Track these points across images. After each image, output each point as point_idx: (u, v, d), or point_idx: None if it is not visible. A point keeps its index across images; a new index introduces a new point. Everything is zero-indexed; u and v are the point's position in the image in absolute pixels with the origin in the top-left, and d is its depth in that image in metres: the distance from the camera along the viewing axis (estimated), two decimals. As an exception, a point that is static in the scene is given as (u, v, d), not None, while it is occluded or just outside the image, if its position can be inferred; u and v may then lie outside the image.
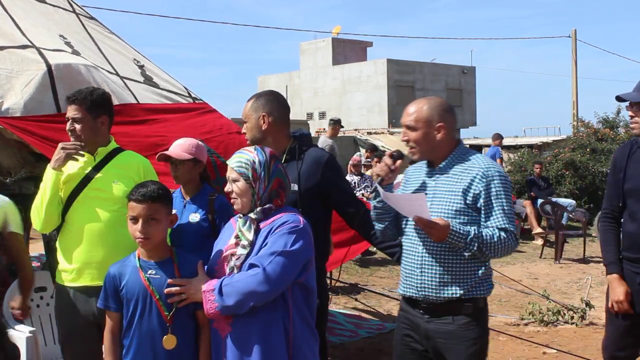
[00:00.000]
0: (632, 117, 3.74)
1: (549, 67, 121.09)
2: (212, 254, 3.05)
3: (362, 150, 15.54)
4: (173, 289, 2.92)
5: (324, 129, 35.06)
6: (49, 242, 4.14)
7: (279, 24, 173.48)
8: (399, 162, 3.31)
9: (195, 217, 3.82)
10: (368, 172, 13.23)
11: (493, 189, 3.08)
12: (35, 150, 4.85)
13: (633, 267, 3.76)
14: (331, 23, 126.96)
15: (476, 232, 3.04)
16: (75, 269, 3.58)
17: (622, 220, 3.87)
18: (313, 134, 32.08)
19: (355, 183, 12.04)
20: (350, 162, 12.66)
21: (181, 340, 2.96)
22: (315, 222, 3.25)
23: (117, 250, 3.54)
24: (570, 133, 20.70)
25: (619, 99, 3.78)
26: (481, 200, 3.08)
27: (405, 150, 3.43)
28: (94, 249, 3.58)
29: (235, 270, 2.83)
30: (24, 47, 4.97)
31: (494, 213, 3.08)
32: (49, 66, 4.81)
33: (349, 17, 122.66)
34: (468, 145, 3.39)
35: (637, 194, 3.73)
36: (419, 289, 3.19)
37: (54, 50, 5.06)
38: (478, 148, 21.12)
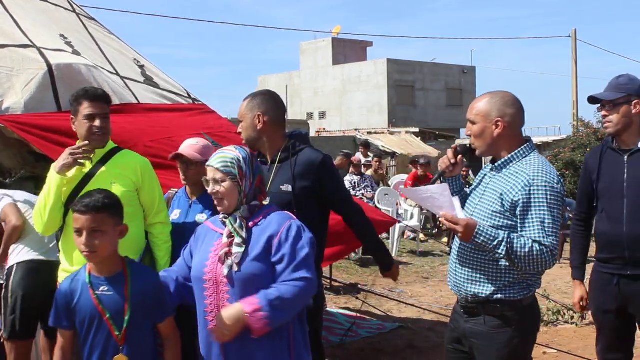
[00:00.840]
0: (605, 116, 3.77)
1: (549, 67, 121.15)
2: (194, 258, 2.97)
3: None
4: (217, 338, 2.79)
5: (324, 129, 35.10)
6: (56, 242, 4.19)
7: (278, 24, 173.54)
8: (460, 156, 3.29)
9: (202, 217, 3.83)
10: (368, 172, 13.24)
11: (535, 200, 2.94)
12: (35, 149, 4.85)
13: (607, 269, 3.80)
14: (331, 23, 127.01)
15: (505, 236, 2.91)
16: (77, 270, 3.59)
17: (594, 221, 3.93)
18: (313, 134, 32.08)
19: (355, 183, 12.04)
20: (351, 162, 12.65)
21: (138, 358, 2.87)
22: (311, 222, 3.24)
23: (119, 250, 3.58)
24: (570, 133, 20.69)
25: (593, 99, 3.82)
26: (519, 209, 2.96)
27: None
28: None
29: (235, 268, 2.80)
30: (24, 46, 4.97)
31: (530, 224, 2.94)
32: (49, 66, 4.81)
33: (349, 17, 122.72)
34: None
35: (610, 194, 3.78)
36: (453, 284, 3.21)
37: (54, 50, 5.06)
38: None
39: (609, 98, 3.73)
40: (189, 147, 3.98)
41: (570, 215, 12.98)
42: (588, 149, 16.43)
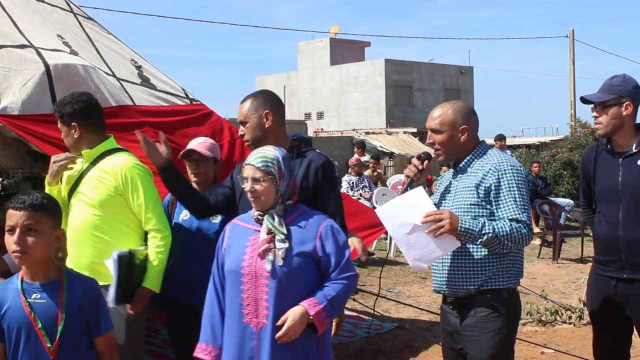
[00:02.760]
0: (595, 117, 3.78)
1: (546, 67, 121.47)
2: (229, 256, 3.02)
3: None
4: (282, 340, 2.85)
5: (322, 129, 35.09)
6: None
7: (276, 24, 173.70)
8: (426, 162, 3.42)
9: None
10: (366, 173, 13.24)
11: (504, 181, 3.15)
12: (33, 148, 4.84)
13: (605, 271, 3.81)
14: (329, 23, 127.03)
15: (486, 220, 3.09)
16: None
17: (594, 222, 3.94)
18: (311, 134, 32.08)
19: (353, 183, 12.04)
20: (349, 162, 12.64)
21: None
22: None
23: (102, 255, 3.52)
24: (568, 133, 20.72)
25: (584, 100, 3.82)
26: (492, 193, 3.16)
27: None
28: (82, 252, 3.60)
29: (281, 262, 2.88)
30: (22, 46, 4.95)
31: (504, 204, 3.13)
32: (47, 66, 4.79)
33: (347, 17, 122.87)
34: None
35: (605, 196, 3.79)
36: (442, 284, 3.31)
37: (52, 50, 5.05)
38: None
39: (598, 100, 3.72)
40: (199, 144, 4.04)
41: (568, 215, 13.02)
42: (585, 149, 16.41)
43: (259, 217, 2.99)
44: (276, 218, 2.96)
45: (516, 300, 3.32)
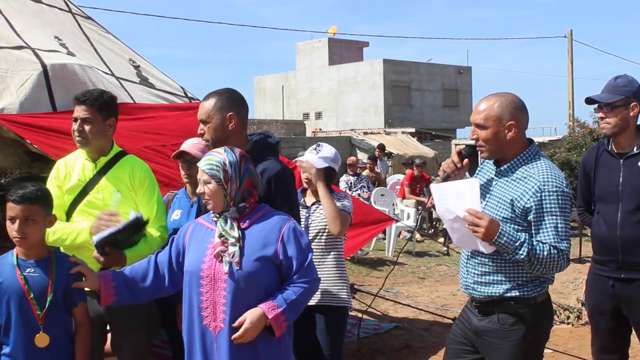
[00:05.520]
0: (602, 118, 3.76)
1: (544, 67, 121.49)
2: (189, 252, 3.01)
3: (360, 154, 15.46)
4: (238, 341, 2.84)
5: (320, 129, 35.08)
6: None
7: (275, 24, 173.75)
8: (466, 160, 3.24)
9: None
10: (364, 173, 13.24)
11: (547, 205, 2.94)
12: (31, 149, 4.84)
13: (603, 271, 3.83)
14: (327, 23, 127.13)
15: (527, 238, 2.92)
16: None
17: (592, 223, 3.95)
18: (309, 134, 32.07)
19: (351, 183, 12.04)
20: (347, 162, 12.65)
21: (56, 338, 3.08)
22: None
23: None
24: (566, 133, 20.70)
25: (590, 100, 3.80)
26: (532, 214, 2.96)
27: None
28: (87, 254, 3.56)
29: (236, 267, 2.85)
30: (19, 47, 4.95)
31: (545, 229, 2.95)
32: (44, 66, 4.79)
33: (345, 17, 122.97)
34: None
35: (605, 198, 3.80)
36: (466, 285, 3.20)
37: (49, 50, 5.05)
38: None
39: (607, 100, 3.72)
40: (192, 145, 3.99)
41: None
42: (584, 149, 16.41)
43: (214, 219, 2.99)
44: (229, 221, 2.92)
45: (543, 308, 3.13)
